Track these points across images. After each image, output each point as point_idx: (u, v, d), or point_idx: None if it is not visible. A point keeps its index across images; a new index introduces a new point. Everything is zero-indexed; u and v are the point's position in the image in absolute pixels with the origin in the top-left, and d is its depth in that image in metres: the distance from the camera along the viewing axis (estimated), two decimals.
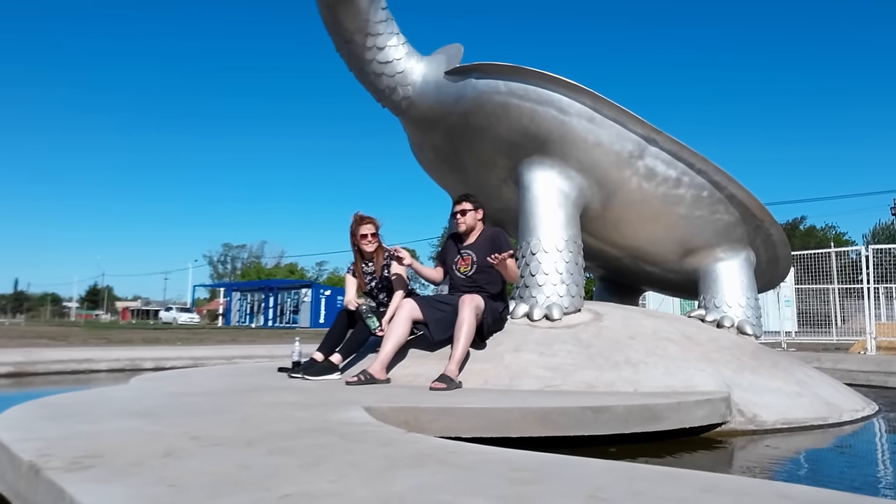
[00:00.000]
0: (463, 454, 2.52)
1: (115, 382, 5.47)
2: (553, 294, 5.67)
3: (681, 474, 2.29)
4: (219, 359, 9.52)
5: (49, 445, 2.54)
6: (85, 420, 3.16)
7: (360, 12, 5.84)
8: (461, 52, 6.30)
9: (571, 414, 3.83)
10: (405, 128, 6.92)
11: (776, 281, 7.64)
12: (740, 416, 4.64)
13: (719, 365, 5.15)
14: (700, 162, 6.02)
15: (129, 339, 16.27)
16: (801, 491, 2.10)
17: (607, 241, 6.62)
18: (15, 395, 6.56)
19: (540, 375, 4.83)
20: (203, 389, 4.49)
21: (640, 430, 3.99)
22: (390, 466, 2.28)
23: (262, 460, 2.35)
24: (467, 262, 5.34)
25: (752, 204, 6.34)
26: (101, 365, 8.71)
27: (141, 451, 2.46)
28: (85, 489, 1.96)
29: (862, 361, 9.12)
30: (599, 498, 1.96)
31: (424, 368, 4.99)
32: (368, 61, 6.14)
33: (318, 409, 3.57)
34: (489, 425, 3.64)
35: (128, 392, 4.37)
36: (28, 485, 2.25)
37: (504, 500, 1.92)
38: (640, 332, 5.43)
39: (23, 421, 3.11)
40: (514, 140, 5.96)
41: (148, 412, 3.41)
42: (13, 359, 8.29)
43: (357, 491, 1.97)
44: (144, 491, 1.96)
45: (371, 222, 5.70)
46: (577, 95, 5.72)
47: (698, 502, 1.94)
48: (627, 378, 4.83)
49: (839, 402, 5.29)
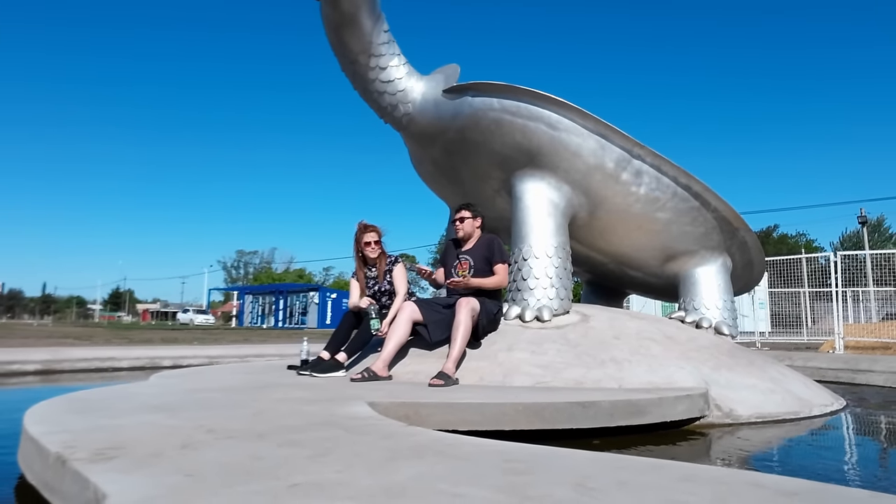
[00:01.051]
0: (459, 446, 2.53)
1: (135, 379, 5.46)
2: (543, 297, 5.67)
3: (662, 464, 2.29)
4: (232, 357, 9.52)
5: (75, 438, 2.53)
6: (108, 414, 3.16)
7: (363, 34, 5.85)
8: (458, 72, 6.31)
9: (561, 409, 3.83)
10: (406, 143, 6.93)
11: (751, 285, 7.65)
12: (717, 411, 4.65)
13: (698, 363, 5.15)
14: (680, 174, 6.03)
15: (148, 338, 16.23)
16: (774, 480, 2.11)
17: (594, 248, 6.63)
18: (43, 391, 6.55)
19: (531, 373, 4.83)
20: (218, 386, 4.49)
21: (625, 424, 4.00)
22: (392, 458, 2.28)
23: (273, 452, 2.35)
24: (465, 266, 5.36)
25: (729, 213, 6.35)
26: (123, 363, 8.70)
27: (160, 444, 2.46)
28: (108, 479, 1.96)
29: (831, 360, 9.12)
30: (587, 486, 1.96)
31: (424, 366, 4.99)
32: (371, 80, 6.15)
33: (324, 404, 3.57)
34: (484, 419, 3.64)
35: (148, 388, 4.36)
36: (55, 475, 2.25)
37: (498, 489, 1.92)
38: (625, 333, 5.44)
39: (50, 415, 3.11)
40: (507, 154, 5.97)
41: (166, 407, 3.41)
42: (41, 357, 8.28)
43: (361, 480, 1.97)
44: (163, 480, 1.96)
45: (375, 231, 5.70)
46: (565, 112, 5.73)
47: (678, 490, 1.94)
48: (613, 375, 4.83)
49: (810, 397, 5.29)
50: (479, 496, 1.84)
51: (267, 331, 35.91)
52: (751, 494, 1.92)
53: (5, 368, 7.74)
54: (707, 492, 1.93)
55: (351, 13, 5.67)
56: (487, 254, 5.32)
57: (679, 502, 1.82)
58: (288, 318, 51.05)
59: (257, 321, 54.49)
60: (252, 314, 56.09)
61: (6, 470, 2.93)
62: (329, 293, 49.57)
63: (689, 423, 4.47)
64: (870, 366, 8.31)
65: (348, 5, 5.60)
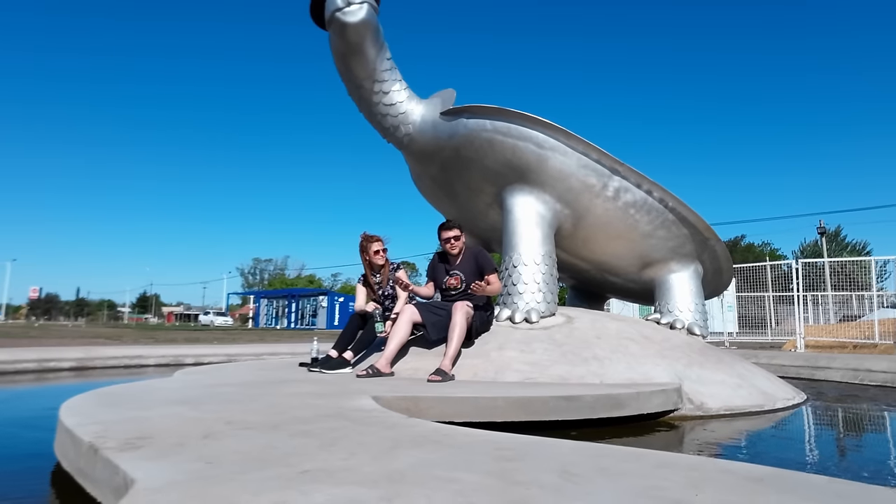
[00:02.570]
0: (455, 436, 2.52)
1: (161, 375, 5.45)
2: (532, 300, 5.67)
3: (640, 453, 2.29)
4: (249, 355, 9.50)
5: (105, 429, 2.53)
6: (136, 407, 3.16)
7: (368, 62, 5.87)
8: (454, 96, 6.32)
9: (547, 402, 3.83)
10: (406, 160, 6.94)
11: (720, 289, 7.65)
12: (690, 404, 4.65)
13: (672, 360, 5.15)
14: (656, 189, 6.05)
15: (172, 338, 16.19)
16: (741, 467, 2.11)
17: (577, 256, 6.63)
18: (76, 386, 6.53)
19: (520, 370, 4.83)
20: (236, 381, 4.48)
21: (606, 416, 3.99)
22: (394, 447, 2.28)
23: (286, 441, 2.35)
24: (457, 281, 5.35)
25: (700, 224, 6.36)
26: (150, 361, 8.68)
27: (183, 434, 2.46)
28: (136, 466, 1.96)
29: (793, 357, 9.13)
30: (570, 473, 1.96)
31: (423, 363, 4.98)
32: (375, 104, 6.17)
33: (332, 398, 3.56)
34: (477, 412, 3.63)
35: (172, 383, 4.36)
36: (88, 462, 2.25)
37: (489, 475, 1.92)
38: (606, 333, 5.43)
39: (83, 408, 3.11)
40: (498, 170, 5.98)
41: (189, 400, 3.41)
42: (75, 355, 8.27)
43: (365, 467, 1.97)
44: (186, 467, 1.96)
45: (379, 240, 5.71)
46: (551, 132, 5.74)
47: (655, 476, 1.94)
48: (595, 372, 4.83)
49: (773, 391, 5.30)
50: (472, 481, 1.84)
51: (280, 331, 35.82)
52: (721, 480, 1.93)
53: (43, 365, 7.73)
54: (681, 478, 1.93)
55: (357, 43, 5.69)
56: (476, 267, 5.33)
57: (655, 487, 1.82)
58: (299, 320, 50.94)
59: (272, 323, 54.39)
60: (267, 316, 55.97)
61: (44, 458, 2.92)
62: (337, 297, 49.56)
63: (664, 416, 4.47)
64: (828, 363, 8.32)
65: (354, 36, 5.62)
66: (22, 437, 3.80)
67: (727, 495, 1.76)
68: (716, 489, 1.82)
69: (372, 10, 5.60)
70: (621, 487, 1.82)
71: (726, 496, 1.75)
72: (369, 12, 5.55)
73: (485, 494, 1.71)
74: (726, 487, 1.84)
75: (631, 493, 1.77)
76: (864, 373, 7.66)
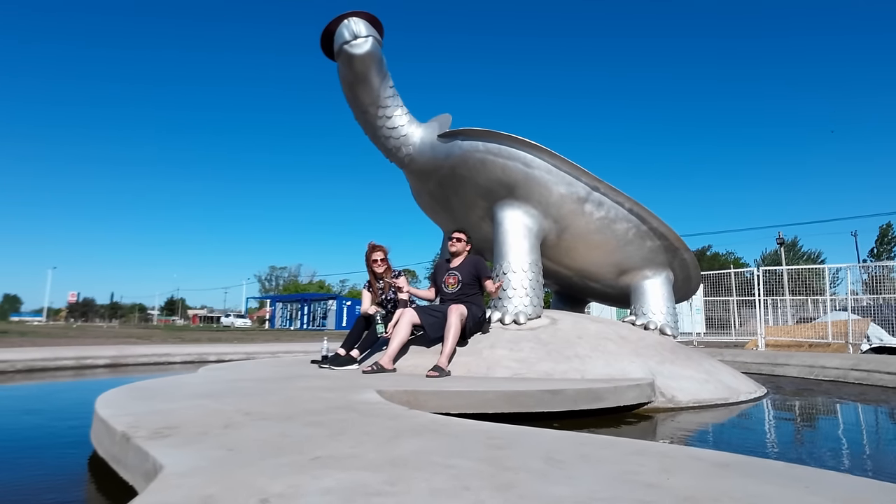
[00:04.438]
0: (451, 426, 2.52)
1: (186, 372, 5.44)
2: (520, 304, 5.67)
3: (617, 441, 2.29)
4: (266, 353, 9.47)
5: (137, 419, 2.53)
6: (164, 400, 3.15)
7: (373, 90, 5.90)
8: (450, 120, 6.34)
9: (534, 395, 3.83)
10: (407, 178, 6.95)
11: (689, 294, 7.66)
12: (662, 397, 4.65)
13: (646, 358, 5.15)
14: (632, 204, 6.06)
15: (197, 338, 16.14)
16: (708, 453, 2.11)
17: (561, 264, 6.64)
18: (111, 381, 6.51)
19: (510, 366, 4.82)
20: (254, 377, 4.47)
21: (586, 408, 3.99)
22: (396, 436, 2.28)
23: (299, 431, 2.35)
24: (455, 280, 5.36)
25: (671, 236, 6.38)
26: (176, 358, 8.65)
27: (206, 424, 2.46)
28: (164, 453, 1.95)
29: (754, 355, 9.13)
30: (555, 459, 1.96)
31: (422, 361, 4.98)
32: (379, 127, 6.19)
33: (341, 391, 3.56)
34: (471, 404, 3.63)
35: (196, 379, 4.35)
36: (121, 449, 2.25)
37: (481, 461, 1.92)
38: (586, 333, 5.43)
39: (116, 401, 3.10)
40: (490, 187, 5.99)
41: (212, 394, 3.40)
42: (110, 353, 8.24)
43: (370, 454, 1.97)
44: (209, 454, 1.96)
45: (381, 250, 5.72)
46: (538, 153, 5.75)
47: (631, 462, 1.95)
48: (577, 368, 4.83)
49: (737, 386, 5.30)
50: (466, 466, 1.84)
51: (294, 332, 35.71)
52: (690, 465, 1.93)
53: (81, 362, 7.71)
54: (654, 463, 1.93)
55: (362, 72, 5.72)
56: (474, 271, 5.35)
57: (631, 472, 1.82)
58: (311, 322, 50.73)
59: (286, 324, 54.18)
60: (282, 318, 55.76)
61: (81, 446, 2.92)
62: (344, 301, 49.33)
63: (639, 408, 4.47)
64: (786, 360, 8.33)
65: (360, 66, 5.66)
66: (62, 426, 3.79)
67: (696, 479, 1.76)
68: (685, 473, 1.82)
69: (376, 43, 5.64)
70: (600, 472, 1.82)
71: (695, 480, 1.75)
72: (374, 45, 5.60)
73: (478, 478, 1.71)
74: (695, 472, 1.84)
75: (609, 477, 1.77)
76: (818, 369, 7.67)
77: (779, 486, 1.70)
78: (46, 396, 5.59)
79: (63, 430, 3.69)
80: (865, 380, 6.98)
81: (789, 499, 1.59)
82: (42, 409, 4.59)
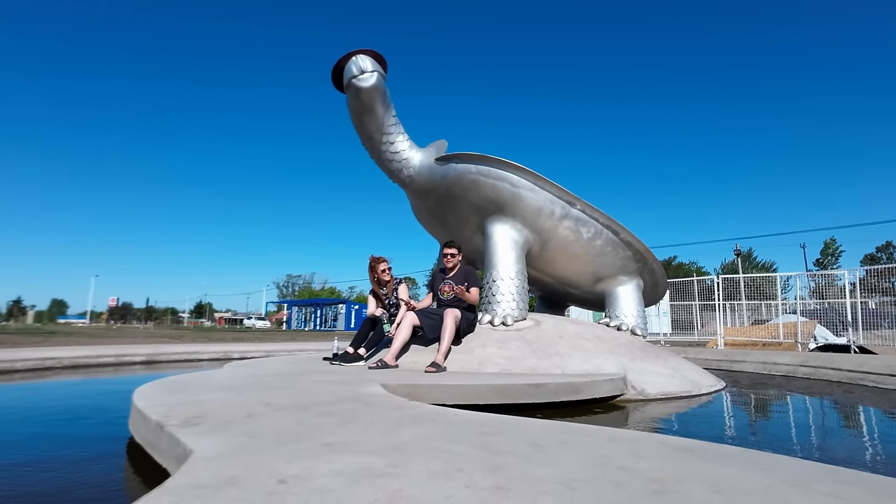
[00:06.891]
0: (447, 416, 2.52)
1: (213, 367, 5.42)
2: (507, 308, 5.67)
3: (593, 429, 2.30)
4: (283, 351, 9.43)
5: (169, 409, 2.52)
6: (193, 392, 3.14)
7: (377, 119, 5.93)
8: (446, 145, 6.37)
9: (520, 388, 3.82)
10: (408, 196, 6.96)
11: (657, 299, 7.67)
12: (633, 390, 4.65)
13: (619, 355, 5.15)
14: (607, 219, 6.08)
15: (222, 338, 16.07)
16: (674, 440, 2.12)
17: (544, 272, 6.65)
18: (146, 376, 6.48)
19: (499, 363, 4.82)
20: (273, 372, 4.46)
21: (566, 399, 3.99)
22: (398, 424, 2.28)
23: (313, 419, 2.34)
24: (450, 288, 5.37)
25: (641, 248, 6.40)
26: (204, 356, 8.61)
27: (231, 414, 2.45)
28: (194, 439, 1.95)
29: (714, 353, 9.13)
30: (539, 445, 1.97)
31: (421, 358, 4.97)
32: (383, 151, 6.21)
33: (350, 385, 3.55)
34: (464, 396, 3.63)
35: (222, 374, 4.33)
36: (155, 436, 2.24)
37: (474, 446, 1.92)
38: (566, 334, 5.44)
39: (152, 393, 3.09)
40: (481, 204, 6.00)
41: (236, 387, 3.39)
42: (145, 351, 8.20)
43: (376, 440, 1.97)
44: (234, 440, 1.95)
45: (385, 261, 5.71)
46: (523, 174, 5.78)
47: (606, 447, 1.95)
48: (558, 364, 4.83)
49: (699, 380, 5.30)
50: (460, 451, 1.84)
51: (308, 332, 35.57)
52: (658, 450, 1.93)
53: (120, 359, 7.66)
54: (627, 448, 1.94)
55: (368, 103, 5.75)
56: (465, 280, 5.36)
57: (606, 456, 1.82)
58: (323, 323, 50.60)
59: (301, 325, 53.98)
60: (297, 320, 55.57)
61: (120, 433, 2.91)
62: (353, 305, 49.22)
63: (613, 399, 4.47)
64: (742, 357, 8.33)
65: (366, 98, 5.69)
66: (103, 416, 3.77)
67: (663, 462, 1.76)
68: (654, 457, 1.82)
69: (381, 78, 5.67)
70: (579, 456, 1.82)
71: (662, 463, 1.75)
72: (378, 79, 5.63)
73: (471, 462, 1.71)
74: (662, 456, 1.84)
75: (586, 460, 1.77)
76: (771, 365, 7.67)
77: (737, 469, 1.70)
78: (89, 388, 5.56)
79: (104, 418, 3.66)
80: (813, 375, 6.99)
81: (746, 479, 1.59)
82: (86, 401, 4.56)
